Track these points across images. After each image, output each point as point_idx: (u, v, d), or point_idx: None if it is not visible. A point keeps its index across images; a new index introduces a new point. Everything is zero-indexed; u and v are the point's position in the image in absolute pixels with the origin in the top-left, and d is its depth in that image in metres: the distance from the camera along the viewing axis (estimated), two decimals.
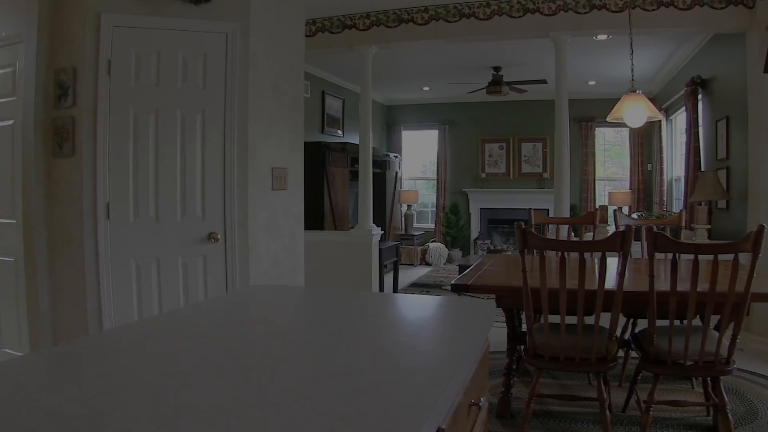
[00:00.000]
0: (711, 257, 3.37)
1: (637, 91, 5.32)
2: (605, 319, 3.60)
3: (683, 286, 3.58)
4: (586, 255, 3.58)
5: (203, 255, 4.47)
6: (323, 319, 2.11)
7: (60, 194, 4.43)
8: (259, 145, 4.65)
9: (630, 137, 12.69)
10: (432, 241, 13.48)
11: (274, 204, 4.87)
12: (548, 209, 11.94)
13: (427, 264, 12.95)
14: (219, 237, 4.46)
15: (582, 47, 8.54)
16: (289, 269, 5.09)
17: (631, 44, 5.58)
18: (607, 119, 5.64)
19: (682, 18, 6.37)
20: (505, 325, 4.52)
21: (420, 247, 13.15)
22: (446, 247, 13.37)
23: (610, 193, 12.28)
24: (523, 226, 3.60)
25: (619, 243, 3.43)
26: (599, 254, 3.53)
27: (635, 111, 5.25)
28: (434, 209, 14.31)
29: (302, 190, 5.34)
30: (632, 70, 5.53)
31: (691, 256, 3.39)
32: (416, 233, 13.33)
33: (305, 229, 7.51)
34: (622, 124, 5.60)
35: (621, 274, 3.48)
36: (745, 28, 6.28)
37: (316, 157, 9.14)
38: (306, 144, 8.56)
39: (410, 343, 1.68)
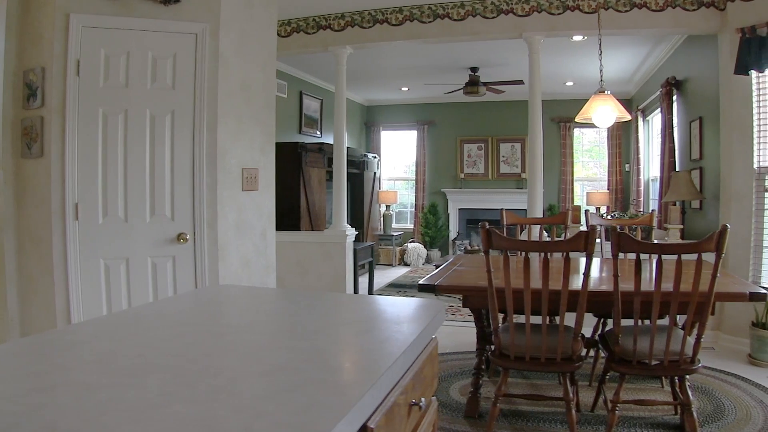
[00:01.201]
0: (684, 258, 3.41)
1: (606, 92, 5.36)
2: (574, 319, 3.63)
3: (651, 286, 3.61)
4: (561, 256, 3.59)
5: (172, 255, 4.46)
6: (269, 318, 2.12)
7: (29, 195, 4.41)
8: (229, 145, 4.64)
9: (608, 138, 12.75)
10: (411, 242, 13.50)
11: (245, 205, 4.87)
12: (526, 210, 11.98)
13: (406, 264, 12.97)
14: (188, 237, 4.46)
15: (559, 48, 8.60)
16: (260, 270, 5.09)
17: (600, 45, 5.63)
18: (576, 119, 5.69)
19: (654, 19, 6.42)
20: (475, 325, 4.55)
21: (398, 248, 13.17)
22: (425, 247, 13.40)
23: (588, 193, 12.35)
24: (487, 226, 3.62)
25: (583, 243, 3.45)
26: (579, 254, 3.54)
27: (604, 111, 5.30)
28: (413, 209, 14.33)
29: (273, 191, 5.34)
30: (601, 70, 5.57)
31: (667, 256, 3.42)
32: (395, 233, 13.32)
33: (281, 229, 7.51)
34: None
35: (586, 275, 3.50)
36: (716, 30, 6.34)
37: (293, 158, 9.14)
38: (282, 144, 8.59)
39: (348, 342, 1.70)
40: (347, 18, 7.36)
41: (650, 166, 10.48)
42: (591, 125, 5.80)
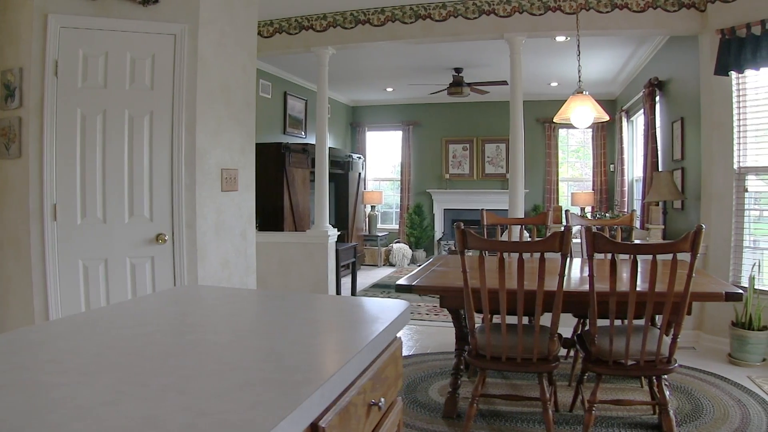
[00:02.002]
0: (665, 257, 3.43)
1: (584, 92, 5.38)
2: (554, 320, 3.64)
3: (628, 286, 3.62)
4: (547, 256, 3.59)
5: (151, 256, 4.46)
6: (234, 318, 2.13)
7: (7, 196, 4.39)
8: (208, 146, 4.64)
9: (593, 138, 12.79)
10: (396, 242, 13.50)
11: (224, 205, 4.86)
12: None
13: (391, 265, 12.95)
14: (167, 238, 4.45)
15: (543, 49, 8.63)
16: (240, 270, 5.08)
17: (578, 46, 5.65)
18: (554, 120, 5.71)
19: (635, 20, 6.45)
20: (453, 325, 4.56)
21: (384, 248, 13.16)
22: (410, 247, 13.39)
23: (573, 193, 12.36)
24: (462, 227, 3.63)
25: (558, 243, 3.46)
26: (564, 256, 3.53)
27: (582, 111, 5.31)
28: (398, 210, 14.33)
29: (254, 192, 5.33)
30: (579, 71, 5.59)
31: (648, 257, 3.43)
32: (380, 234, 13.32)
33: (264, 230, 7.49)
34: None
35: (561, 275, 3.51)
36: (697, 31, 6.37)
37: (276, 158, 9.11)
38: (266, 145, 8.59)
39: (305, 342, 1.70)
40: (329, 18, 7.36)
41: (634, 166, 10.52)
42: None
